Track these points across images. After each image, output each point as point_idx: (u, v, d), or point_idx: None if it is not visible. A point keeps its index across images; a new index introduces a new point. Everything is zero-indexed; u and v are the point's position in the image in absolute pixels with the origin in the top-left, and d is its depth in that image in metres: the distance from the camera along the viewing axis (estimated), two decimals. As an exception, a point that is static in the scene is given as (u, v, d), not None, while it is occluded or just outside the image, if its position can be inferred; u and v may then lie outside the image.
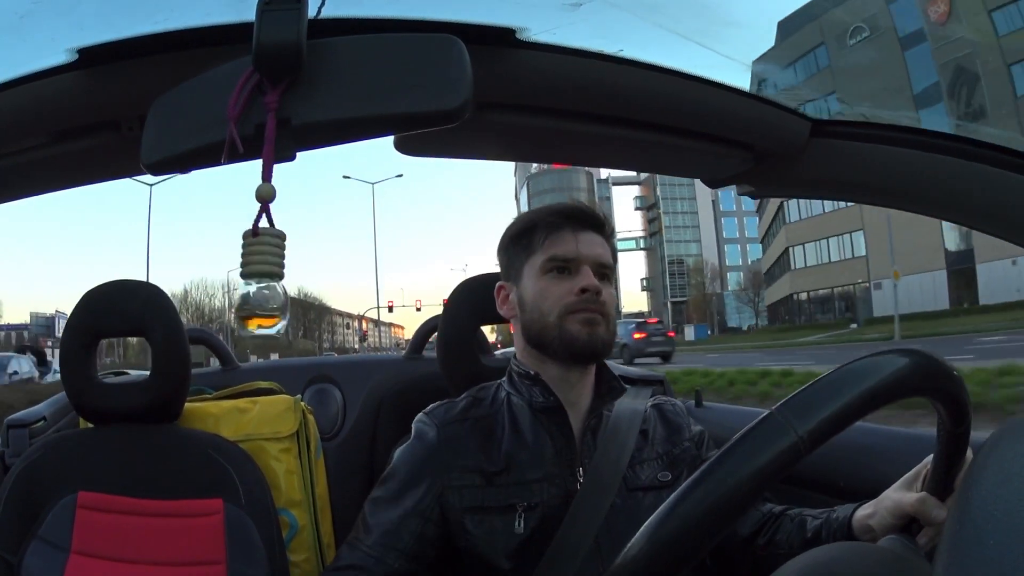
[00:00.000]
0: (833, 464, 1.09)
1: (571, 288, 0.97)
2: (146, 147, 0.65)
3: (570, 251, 0.99)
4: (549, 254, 0.99)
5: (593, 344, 0.97)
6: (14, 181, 0.91)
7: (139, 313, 1.17)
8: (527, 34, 0.79)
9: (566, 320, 0.97)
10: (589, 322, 0.96)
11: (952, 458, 0.68)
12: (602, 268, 1.00)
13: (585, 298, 0.96)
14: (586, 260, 0.99)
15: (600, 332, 0.97)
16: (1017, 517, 0.39)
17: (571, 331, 0.96)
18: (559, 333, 0.97)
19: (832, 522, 0.89)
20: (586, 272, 0.98)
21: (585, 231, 1.01)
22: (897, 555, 0.61)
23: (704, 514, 0.52)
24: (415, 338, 1.91)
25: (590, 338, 0.96)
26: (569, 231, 1.00)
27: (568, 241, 1.00)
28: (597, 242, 1.02)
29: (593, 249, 1.00)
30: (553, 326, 0.97)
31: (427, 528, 0.95)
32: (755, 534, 0.97)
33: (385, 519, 0.95)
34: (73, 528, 1.08)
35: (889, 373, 0.56)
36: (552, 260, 0.99)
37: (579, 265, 0.99)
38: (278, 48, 0.60)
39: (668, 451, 1.03)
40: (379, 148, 73.30)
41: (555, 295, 0.98)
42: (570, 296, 0.97)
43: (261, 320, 0.65)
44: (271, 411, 1.32)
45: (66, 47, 0.74)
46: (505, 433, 0.98)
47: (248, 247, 0.64)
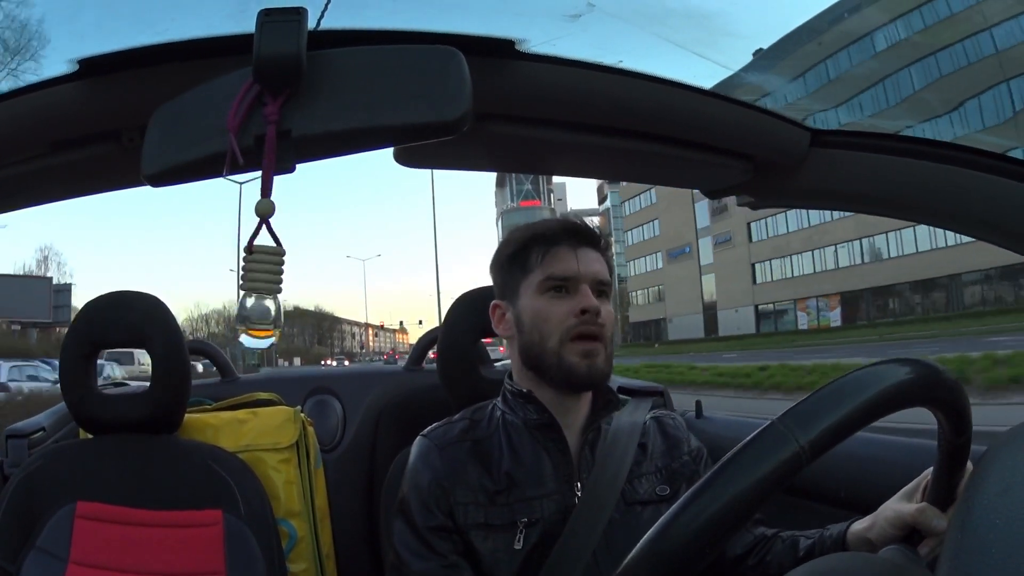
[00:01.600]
0: (834, 474, 1.08)
1: (571, 309, 0.95)
2: (147, 158, 0.66)
3: (569, 269, 0.97)
4: (547, 273, 0.97)
5: (592, 376, 0.95)
6: (15, 191, 0.91)
7: (139, 324, 1.17)
8: (526, 46, 0.79)
9: (566, 348, 0.95)
10: (588, 354, 0.95)
11: (953, 468, 0.67)
12: (600, 285, 0.98)
13: (585, 319, 0.94)
14: (585, 278, 0.97)
15: (599, 363, 0.95)
16: (1019, 526, 0.38)
17: (570, 362, 0.94)
18: (558, 362, 0.95)
19: (826, 539, 0.87)
20: (585, 291, 0.96)
21: (583, 247, 0.99)
22: (898, 565, 0.60)
23: (704, 525, 0.51)
24: (415, 350, 1.91)
25: (589, 370, 0.95)
26: (567, 248, 0.98)
27: (566, 259, 0.97)
28: (595, 258, 0.99)
29: (591, 266, 0.98)
30: (552, 352, 0.95)
31: (454, 537, 0.94)
32: (745, 555, 0.96)
33: (422, 566, 0.94)
34: (71, 538, 1.07)
35: (891, 383, 0.56)
36: (550, 279, 0.97)
37: (578, 284, 0.96)
38: (278, 59, 0.61)
39: (667, 465, 1.02)
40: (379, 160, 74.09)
41: (555, 317, 0.96)
42: (570, 318, 0.95)
43: (256, 332, 0.66)
44: (271, 422, 1.32)
45: (67, 58, 0.75)
46: (504, 453, 0.97)
47: (248, 263, 0.65)
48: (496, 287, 1.06)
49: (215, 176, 0.64)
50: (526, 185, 52.81)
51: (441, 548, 0.93)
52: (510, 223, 41.62)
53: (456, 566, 0.92)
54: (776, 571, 0.90)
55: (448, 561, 0.92)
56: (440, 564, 0.92)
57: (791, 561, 0.89)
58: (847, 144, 0.95)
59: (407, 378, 1.82)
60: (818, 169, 0.96)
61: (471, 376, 1.27)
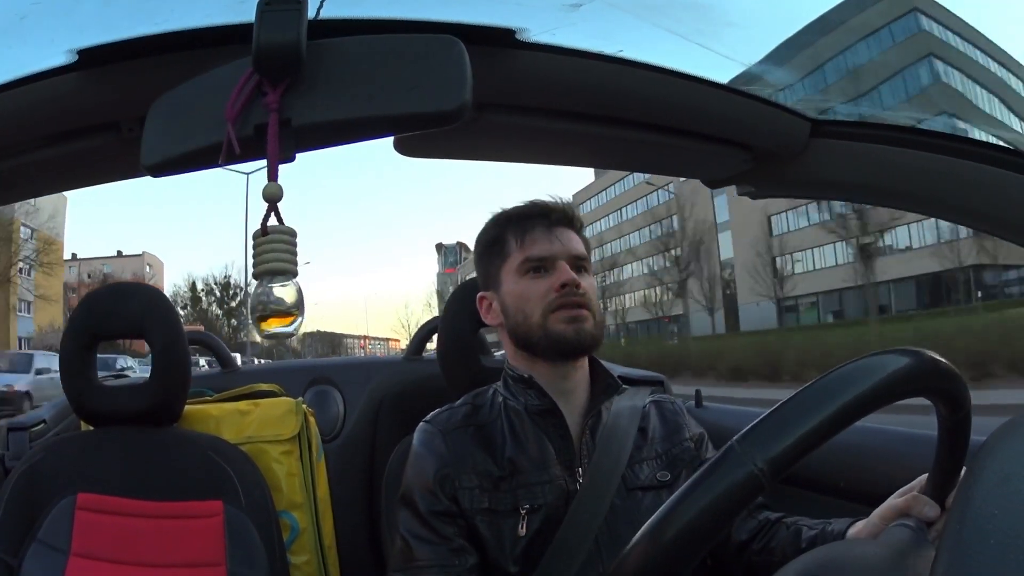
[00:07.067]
0: (833, 465, 1.09)
1: (551, 285, 0.97)
2: (146, 148, 0.65)
3: (544, 250, 0.99)
4: (524, 255, 0.99)
5: (580, 340, 0.97)
6: (14, 182, 0.91)
7: (139, 315, 1.17)
8: (527, 35, 0.79)
9: (549, 319, 0.97)
10: (574, 319, 0.96)
11: (955, 445, 0.67)
12: (578, 261, 1.00)
13: (565, 292, 0.96)
14: (561, 255, 0.99)
15: (587, 327, 0.97)
16: (1017, 516, 0.38)
17: (556, 330, 0.96)
18: (544, 333, 0.97)
19: (828, 534, 0.88)
20: (563, 267, 0.98)
21: (557, 227, 1.01)
22: (901, 550, 0.60)
23: (664, 552, 0.52)
24: (415, 339, 1.91)
25: (577, 335, 0.96)
26: (541, 229, 1.00)
27: (541, 240, 0.99)
28: (570, 236, 1.01)
29: (568, 244, 1.00)
30: (538, 326, 0.97)
31: (459, 521, 0.95)
32: (750, 540, 0.97)
33: (430, 551, 0.94)
34: (72, 530, 1.08)
35: (862, 384, 0.55)
36: (528, 261, 0.99)
37: (555, 261, 0.98)
38: (278, 49, 0.60)
39: (667, 450, 1.02)
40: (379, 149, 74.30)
41: (536, 294, 0.98)
42: (551, 293, 0.97)
43: (278, 320, 0.64)
44: (272, 413, 1.32)
45: (66, 48, 0.74)
46: (506, 439, 0.98)
47: (259, 247, 0.64)
48: (480, 279, 1.07)
49: (215, 166, 0.64)
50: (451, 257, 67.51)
51: (447, 532, 0.94)
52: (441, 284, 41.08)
53: (462, 550, 0.93)
54: (780, 558, 0.91)
55: (454, 545, 0.93)
56: (447, 548, 0.93)
57: (795, 551, 0.89)
58: (847, 134, 0.95)
59: (407, 368, 1.82)
60: (818, 159, 0.96)
61: (471, 365, 1.28)
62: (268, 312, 0.64)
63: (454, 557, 0.93)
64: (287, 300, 0.64)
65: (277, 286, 0.64)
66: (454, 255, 68.58)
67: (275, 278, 0.64)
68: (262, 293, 0.64)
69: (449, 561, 0.93)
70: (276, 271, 0.64)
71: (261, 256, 0.64)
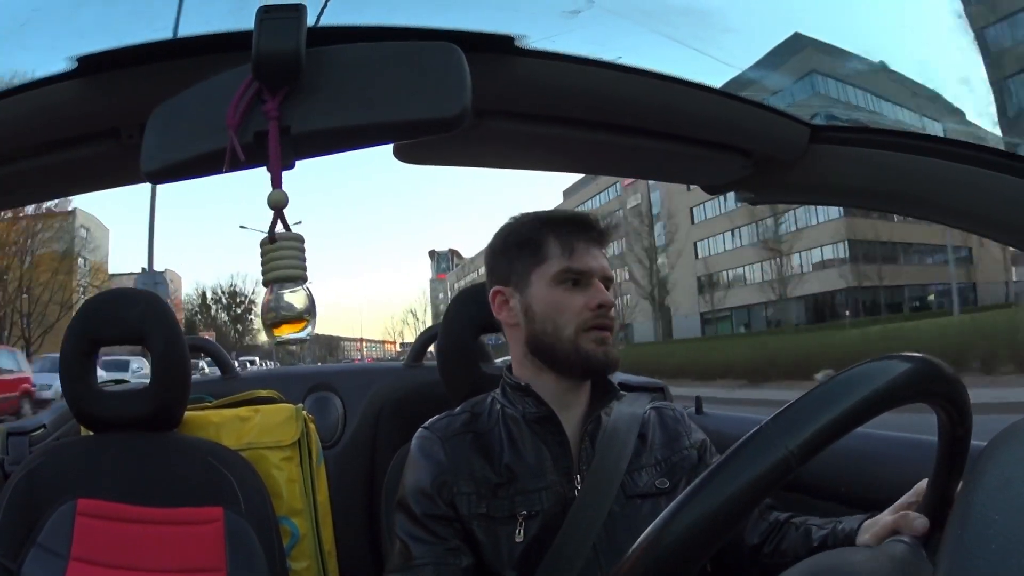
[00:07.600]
0: (835, 470, 1.08)
1: (586, 303, 0.97)
2: (146, 155, 0.65)
3: (586, 264, 0.99)
4: (565, 265, 0.98)
5: (608, 362, 0.98)
6: (14, 188, 0.91)
7: (139, 321, 1.17)
8: (526, 42, 0.79)
9: (581, 337, 0.97)
10: (603, 341, 0.98)
11: (954, 459, 0.67)
12: (607, 281, 1.01)
13: (600, 313, 0.97)
14: (599, 273, 0.99)
15: (612, 351, 0.99)
16: (1017, 521, 0.38)
17: (587, 349, 0.97)
18: (575, 349, 0.97)
19: (838, 533, 0.88)
20: (599, 287, 0.98)
21: (595, 244, 1.01)
22: (899, 558, 0.60)
23: (692, 532, 0.51)
24: (415, 346, 1.91)
25: (606, 356, 0.98)
26: (585, 243, 1.00)
27: (583, 254, 0.99)
28: (603, 255, 1.02)
29: (602, 262, 1.01)
30: (568, 341, 0.97)
31: (456, 525, 0.95)
32: (761, 544, 0.97)
33: (426, 550, 0.94)
34: (72, 535, 1.08)
35: (883, 381, 0.55)
36: (569, 272, 0.98)
37: (592, 278, 0.98)
38: (277, 56, 0.61)
39: (667, 457, 1.02)
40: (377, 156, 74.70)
41: (572, 309, 0.97)
42: (586, 311, 0.97)
43: (289, 326, 0.64)
44: (273, 420, 1.32)
45: (66, 55, 0.75)
46: (504, 446, 0.98)
47: (267, 254, 0.64)
48: (496, 273, 1.05)
49: (215, 173, 0.64)
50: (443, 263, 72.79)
51: (443, 533, 0.94)
52: (432, 290, 45.26)
53: (458, 550, 0.94)
54: (792, 560, 0.90)
55: (450, 545, 0.94)
56: (443, 547, 0.94)
57: (806, 551, 0.90)
58: (847, 140, 0.95)
59: (407, 374, 1.82)
60: (818, 165, 0.96)
61: (471, 372, 1.28)
62: (279, 319, 0.64)
63: (450, 556, 0.93)
64: (297, 306, 0.64)
65: (287, 292, 0.64)
66: (446, 261, 72.74)
67: (285, 284, 0.64)
68: (272, 300, 0.64)
69: (445, 560, 0.93)
70: (286, 278, 0.64)
71: (270, 263, 0.64)
